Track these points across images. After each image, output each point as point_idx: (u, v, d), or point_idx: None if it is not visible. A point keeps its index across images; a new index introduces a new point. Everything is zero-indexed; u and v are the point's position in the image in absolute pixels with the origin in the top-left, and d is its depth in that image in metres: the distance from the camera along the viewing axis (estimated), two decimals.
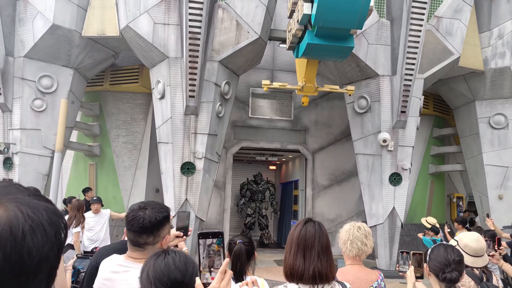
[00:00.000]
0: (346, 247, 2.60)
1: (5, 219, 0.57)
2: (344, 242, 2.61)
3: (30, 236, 0.58)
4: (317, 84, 8.11)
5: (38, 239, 0.59)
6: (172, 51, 8.05)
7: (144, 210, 1.89)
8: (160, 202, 2.03)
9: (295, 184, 13.44)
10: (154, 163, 10.55)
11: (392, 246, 8.96)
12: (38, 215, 0.61)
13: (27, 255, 0.57)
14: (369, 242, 2.60)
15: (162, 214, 1.91)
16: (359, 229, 2.60)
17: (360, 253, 2.58)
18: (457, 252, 2.07)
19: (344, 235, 2.62)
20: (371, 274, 2.62)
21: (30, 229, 0.58)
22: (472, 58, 9.76)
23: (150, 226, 1.86)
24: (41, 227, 0.60)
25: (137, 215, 1.87)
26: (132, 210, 1.92)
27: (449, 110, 12.05)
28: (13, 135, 8.64)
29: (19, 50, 8.52)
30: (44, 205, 0.64)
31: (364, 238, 2.57)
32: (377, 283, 2.57)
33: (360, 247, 2.56)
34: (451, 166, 12.42)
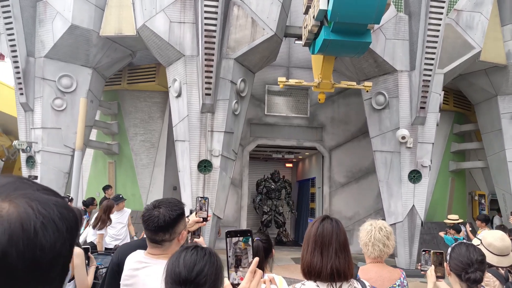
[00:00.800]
0: (368, 249, 2.53)
1: (15, 216, 0.56)
2: (365, 244, 2.54)
3: (42, 232, 0.57)
4: (333, 81, 8.01)
5: (50, 235, 0.58)
6: (188, 49, 8.09)
7: (159, 209, 1.91)
8: (175, 198, 2.04)
9: (312, 181, 13.36)
10: (171, 161, 10.64)
11: (412, 245, 8.80)
12: (49, 211, 0.60)
13: (40, 252, 0.57)
14: (391, 243, 2.52)
15: (176, 212, 1.92)
16: (381, 230, 2.52)
17: (382, 255, 2.51)
18: (479, 251, 2.00)
19: (365, 236, 2.54)
20: (393, 272, 2.57)
21: (41, 225, 0.58)
22: (494, 52, 9.47)
23: (165, 224, 1.88)
24: (52, 222, 0.59)
25: (152, 215, 1.90)
26: (147, 209, 1.95)
27: (470, 105, 11.75)
28: (35, 134, 8.85)
29: (40, 51, 8.71)
30: (54, 200, 0.63)
31: (386, 240, 2.49)
32: (399, 281, 2.52)
33: (382, 249, 2.49)
34: (472, 163, 12.12)
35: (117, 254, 2.41)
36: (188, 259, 1.32)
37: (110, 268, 2.38)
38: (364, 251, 2.58)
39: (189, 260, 1.32)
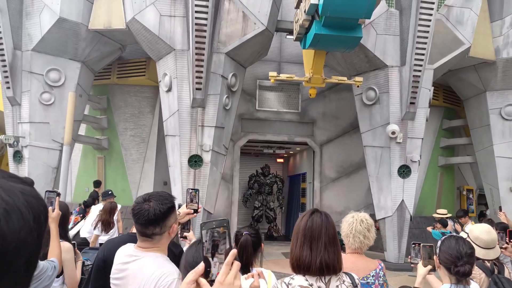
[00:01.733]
0: (349, 240, 2.60)
1: None
2: (346, 235, 2.60)
3: (4, 220, 0.55)
4: (324, 76, 8.01)
5: (13, 223, 0.56)
6: (178, 43, 8.01)
7: (149, 202, 1.89)
8: (166, 192, 2.02)
9: (303, 177, 13.40)
10: (162, 156, 10.58)
11: (401, 239, 8.89)
12: (14, 198, 0.58)
13: (2, 240, 0.54)
14: (371, 235, 2.58)
15: (166, 205, 1.91)
16: (362, 222, 2.57)
17: (362, 246, 2.58)
18: (468, 244, 2.02)
19: (347, 228, 2.60)
20: (370, 263, 2.61)
21: (4, 212, 0.56)
22: (483, 48, 9.56)
23: (155, 218, 1.86)
24: (17, 210, 0.57)
25: (142, 208, 1.88)
26: (137, 203, 1.93)
27: (459, 101, 11.86)
28: (22, 129, 8.71)
29: (27, 44, 8.56)
30: (21, 187, 0.61)
31: (366, 232, 2.55)
32: (375, 272, 2.55)
33: (362, 240, 2.55)
34: (461, 158, 12.26)
35: (103, 250, 2.38)
36: None
37: (95, 264, 2.35)
38: (345, 242, 2.64)
39: None
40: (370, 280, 2.53)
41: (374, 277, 2.55)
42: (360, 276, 2.48)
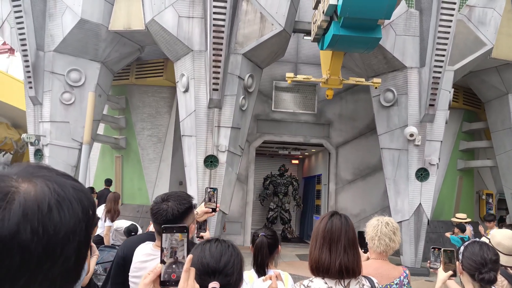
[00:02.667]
0: (374, 243, 2.54)
1: (33, 194, 0.60)
2: (371, 238, 2.55)
3: (56, 210, 0.60)
4: (342, 77, 7.95)
5: (64, 213, 0.61)
6: (196, 44, 8.07)
7: (167, 202, 1.91)
8: (184, 192, 2.04)
9: (318, 178, 13.31)
10: (178, 155, 10.67)
11: (417, 243, 8.74)
12: (65, 191, 0.63)
13: (53, 227, 0.59)
14: (397, 238, 2.53)
15: (184, 205, 1.92)
16: (387, 225, 2.54)
17: (387, 249, 2.53)
18: (493, 250, 1.96)
19: (372, 231, 2.56)
20: (393, 270, 2.55)
21: (56, 203, 0.60)
22: (506, 49, 9.32)
23: (173, 218, 1.88)
24: (67, 202, 0.62)
25: (161, 208, 1.90)
26: (156, 203, 1.95)
27: (480, 103, 11.60)
28: (43, 128, 8.91)
29: (49, 45, 8.75)
30: (72, 183, 0.66)
31: (392, 235, 2.51)
32: (398, 280, 2.49)
33: (388, 243, 2.50)
34: (481, 162, 11.98)
35: (123, 248, 2.42)
36: (214, 251, 1.37)
37: (115, 261, 2.39)
38: (370, 246, 2.59)
39: (215, 251, 1.37)
40: None
41: (397, 285, 2.48)
42: (383, 284, 2.43)
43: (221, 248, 1.39)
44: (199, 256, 1.37)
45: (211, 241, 1.44)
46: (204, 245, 1.42)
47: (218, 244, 1.42)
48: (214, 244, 1.41)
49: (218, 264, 1.35)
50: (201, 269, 1.34)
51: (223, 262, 1.35)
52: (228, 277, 1.35)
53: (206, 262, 1.35)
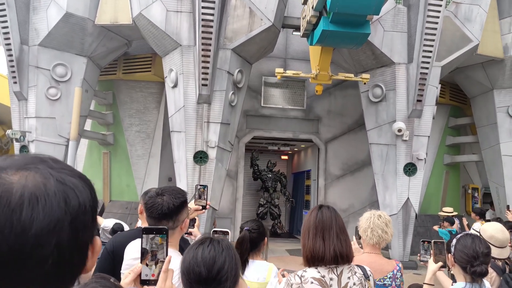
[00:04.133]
0: (367, 235, 2.60)
1: (5, 187, 0.55)
2: (364, 230, 2.62)
3: (29, 206, 0.55)
4: (331, 73, 7.98)
5: (38, 210, 0.55)
6: (184, 39, 7.99)
7: (162, 196, 1.89)
8: (178, 187, 2.02)
9: (307, 174, 13.38)
10: (167, 151, 10.59)
11: (406, 237, 8.87)
12: (46, 185, 0.57)
13: (21, 224, 0.54)
14: (389, 230, 2.60)
15: (179, 199, 1.91)
16: (380, 217, 2.61)
17: (380, 241, 2.58)
18: (485, 243, 1.99)
19: (365, 223, 2.63)
20: (386, 264, 2.60)
21: (30, 198, 0.55)
22: (491, 46, 9.47)
23: (169, 212, 1.87)
24: (43, 198, 0.56)
25: (156, 202, 1.88)
26: (151, 197, 1.92)
27: (466, 99, 11.78)
28: (28, 124, 8.74)
29: (34, 39, 8.57)
30: (60, 176, 0.60)
31: (384, 226, 2.57)
32: (392, 274, 2.54)
33: (381, 235, 2.56)
34: (467, 157, 12.19)
35: (112, 242, 2.39)
36: (207, 256, 1.29)
37: (102, 255, 2.35)
38: (363, 238, 2.65)
39: (207, 257, 1.29)
40: (387, 281, 2.52)
41: (391, 279, 2.54)
42: (377, 278, 2.48)
43: (214, 253, 1.30)
44: (191, 262, 1.30)
45: (204, 244, 1.35)
46: (197, 249, 1.33)
47: (211, 247, 1.33)
48: (207, 248, 1.32)
49: (211, 273, 1.27)
50: (193, 278, 1.28)
51: (216, 270, 1.28)
52: (222, 284, 1.28)
53: (198, 270, 1.28)
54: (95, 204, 0.65)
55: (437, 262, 2.19)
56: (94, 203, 0.65)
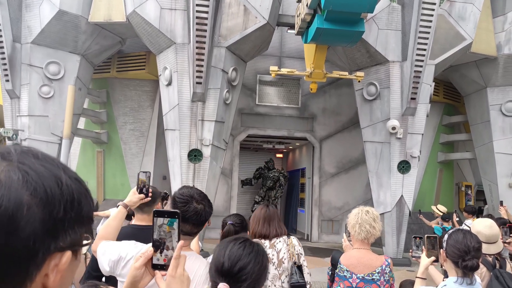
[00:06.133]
0: (355, 230, 2.65)
1: None
2: (352, 225, 2.66)
3: None
4: (325, 70, 7.99)
5: None
6: (179, 36, 7.96)
7: (198, 204, 1.81)
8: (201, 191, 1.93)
9: (302, 172, 13.40)
10: (161, 150, 10.56)
11: (399, 234, 8.92)
12: (8, 178, 0.54)
13: None
14: (377, 225, 2.65)
15: (212, 208, 1.88)
16: (367, 212, 2.67)
17: (368, 236, 2.63)
18: (476, 238, 2.01)
19: (353, 218, 2.68)
20: (375, 259, 2.64)
21: None
22: (485, 44, 9.52)
23: (205, 219, 1.84)
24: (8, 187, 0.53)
25: (198, 209, 1.80)
26: (186, 202, 1.79)
27: (460, 97, 11.85)
28: (21, 122, 8.67)
29: (26, 36, 8.49)
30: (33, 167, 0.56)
31: (372, 221, 2.63)
32: (380, 269, 2.58)
33: (369, 230, 2.61)
34: (461, 154, 12.27)
35: None
36: (234, 252, 1.34)
37: (94, 257, 2.33)
38: (352, 234, 2.70)
39: (234, 253, 1.34)
40: (376, 276, 2.55)
41: (379, 274, 2.58)
42: (366, 273, 2.56)
43: (242, 252, 1.34)
44: (219, 254, 1.35)
45: (237, 241, 1.40)
46: (230, 243, 1.39)
47: (242, 246, 1.36)
48: (236, 246, 1.36)
49: (233, 268, 1.31)
50: (216, 267, 1.34)
51: (238, 267, 1.31)
52: (240, 283, 1.30)
53: (222, 261, 1.33)
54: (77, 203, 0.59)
55: (430, 257, 2.21)
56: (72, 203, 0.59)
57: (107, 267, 1.82)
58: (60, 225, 0.58)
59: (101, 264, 1.85)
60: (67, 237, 0.59)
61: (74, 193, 0.60)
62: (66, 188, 0.59)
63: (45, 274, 0.57)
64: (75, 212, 0.60)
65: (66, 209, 0.58)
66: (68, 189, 0.59)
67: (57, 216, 0.57)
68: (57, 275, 0.58)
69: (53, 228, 0.57)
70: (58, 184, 0.58)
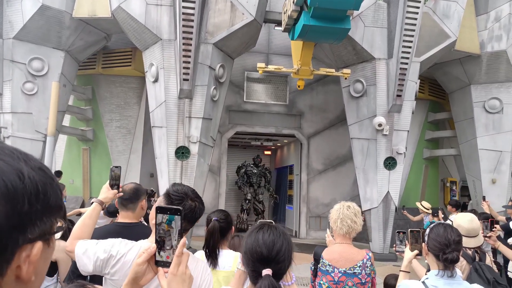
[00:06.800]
0: (337, 225, 2.70)
1: None
2: (334, 220, 2.72)
3: None
4: (312, 68, 8.02)
5: None
6: (165, 33, 7.89)
7: (192, 201, 1.79)
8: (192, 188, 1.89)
9: (290, 169, 13.45)
10: (148, 147, 10.47)
11: (386, 230, 9.03)
12: None
13: None
14: (358, 220, 2.70)
15: (204, 206, 1.87)
16: (349, 208, 2.72)
17: (350, 231, 2.68)
18: (456, 231, 2.06)
19: (335, 214, 2.73)
20: (357, 254, 2.70)
21: None
22: (468, 42, 9.68)
23: (199, 217, 1.83)
24: None
25: (193, 206, 1.78)
26: (181, 199, 1.77)
27: (445, 94, 12.02)
28: (4, 119, 8.50)
29: (8, 32, 8.32)
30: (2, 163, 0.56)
31: (353, 216, 2.68)
32: (361, 263, 2.64)
33: (350, 224, 2.66)
34: (446, 151, 12.47)
35: None
36: (267, 239, 1.47)
37: None
38: (334, 229, 2.76)
39: (268, 239, 1.46)
40: (357, 270, 2.60)
41: (360, 268, 2.64)
42: (347, 267, 2.62)
43: (273, 237, 1.47)
44: (253, 244, 1.46)
45: (263, 229, 1.51)
46: (258, 232, 1.49)
47: (271, 232, 1.49)
48: (266, 233, 1.48)
49: (271, 253, 1.43)
50: (255, 257, 1.44)
51: (275, 251, 1.44)
52: (280, 264, 1.44)
53: (260, 251, 1.44)
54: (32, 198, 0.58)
55: (413, 251, 2.25)
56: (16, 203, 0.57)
57: (90, 267, 1.79)
58: (27, 218, 0.57)
59: (83, 264, 1.81)
60: (36, 228, 0.59)
61: (38, 185, 0.59)
62: (29, 181, 0.58)
63: (17, 266, 0.57)
64: (41, 204, 0.59)
65: (31, 202, 0.57)
66: (31, 181, 0.58)
67: (22, 210, 0.56)
68: (29, 266, 0.58)
69: (19, 222, 0.56)
70: (20, 177, 0.57)
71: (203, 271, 1.82)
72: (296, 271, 3.11)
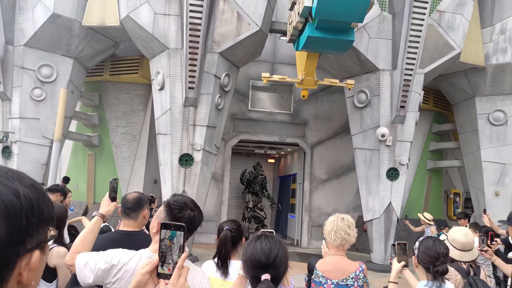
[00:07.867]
0: (331, 237, 2.73)
1: None
2: (328, 232, 2.75)
3: None
4: (317, 78, 8.09)
5: None
6: (172, 42, 8.02)
7: (192, 211, 1.83)
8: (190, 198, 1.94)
9: (293, 177, 13.46)
10: (152, 154, 10.57)
11: (387, 240, 9.00)
12: None
13: None
14: (352, 232, 2.73)
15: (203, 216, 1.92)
16: (343, 220, 2.76)
17: (343, 243, 2.71)
18: (444, 244, 2.13)
19: (329, 225, 2.77)
20: (350, 265, 2.73)
21: None
22: (473, 54, 9.71)
23: (198, 226, 1.86)
24: None
25: (192, 216, 1.81)
26: (181, 208, 1.80)
27: (449, 105, 12.03)
28: (12, 124, 8.64)
29: (19, 39, 8.49)
30: None
31: (347, 228, 2.71)
32: (354, 274, 2.67)
33: (344, 236, 2.69)
34: (449, 162, 12.43)
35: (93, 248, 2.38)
36: (264, 247, 1.61)
37: None
38: (328, 240, 2.78)
39: (265, 247, 1.61)
40: (350, 282, 2.63)
41: (353, 279, 2.67)
42: (340, 278, 2.65)
43: (270, 245, 1.61)
44: (252, 252, 1.60)
45: (260, 238, 1.65)
46: (256, 242, 1.64)
47: (267, 241, 1.64)
48: (264, 241, 1.63)
49: (269, 259, 1.57)
50: (254, 264, 1.58)
51: (272, 257, 1.58)
52: (277, 269, 1.57)
53: (258, 258, 1.58)
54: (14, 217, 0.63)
55: (401, 262, 2.32)
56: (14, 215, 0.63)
57: (90, 278, 1.84)
58: (25, 232, 0.64)
59: (83, 275, 1.85)
60: (33, 239, 0.66)
61: (33, 201, 0.66)
62: (25, 199, 0.64)
63: (18, 273, 0.65)
64: (37, 217, 0.66)
65: (28, 218, 0.64)
66: (27, 199, 0.65)
67: (21, 226, 0.63)
68: (29, 273, 0.65)
69: (19, 236, 0.63)
70: (17, 197, 0.63)
71: (201, 279, 1.87)
72: (297, 281, 3.14)
